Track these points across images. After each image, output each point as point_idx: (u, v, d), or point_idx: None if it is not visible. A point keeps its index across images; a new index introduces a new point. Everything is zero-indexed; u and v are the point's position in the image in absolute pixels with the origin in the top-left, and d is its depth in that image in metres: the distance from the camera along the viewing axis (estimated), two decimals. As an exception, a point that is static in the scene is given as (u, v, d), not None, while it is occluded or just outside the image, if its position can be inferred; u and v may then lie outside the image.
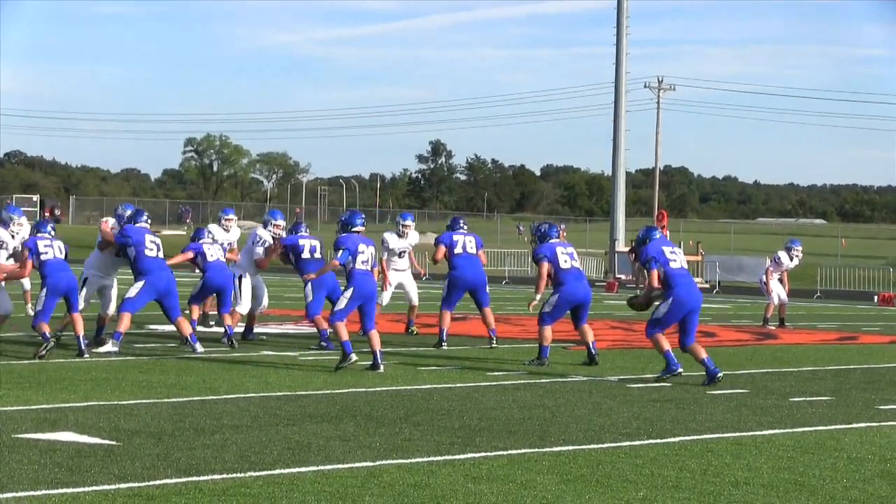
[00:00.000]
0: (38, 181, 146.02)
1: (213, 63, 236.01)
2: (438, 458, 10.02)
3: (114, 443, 10.30)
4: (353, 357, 16.26)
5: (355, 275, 16.44)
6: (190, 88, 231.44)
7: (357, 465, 9.64)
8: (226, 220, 21.97)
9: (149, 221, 18.46)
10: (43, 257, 17.29)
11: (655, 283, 16.00)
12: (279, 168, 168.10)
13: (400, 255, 21.96)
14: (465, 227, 20.49)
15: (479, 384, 15.28)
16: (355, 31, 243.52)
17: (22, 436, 10.50)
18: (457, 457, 10.09)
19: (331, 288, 18.89)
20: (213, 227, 21.42)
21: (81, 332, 17.41)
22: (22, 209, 20.14)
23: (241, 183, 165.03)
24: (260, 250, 20.27)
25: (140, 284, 17.78)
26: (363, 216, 17.31)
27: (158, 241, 18.29)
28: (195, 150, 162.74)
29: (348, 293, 16.37)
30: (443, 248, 20.06)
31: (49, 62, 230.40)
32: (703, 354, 15.81)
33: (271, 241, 20.27)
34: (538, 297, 17.46)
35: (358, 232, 16.82)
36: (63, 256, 17.57)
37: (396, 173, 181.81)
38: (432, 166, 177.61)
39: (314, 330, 19.92)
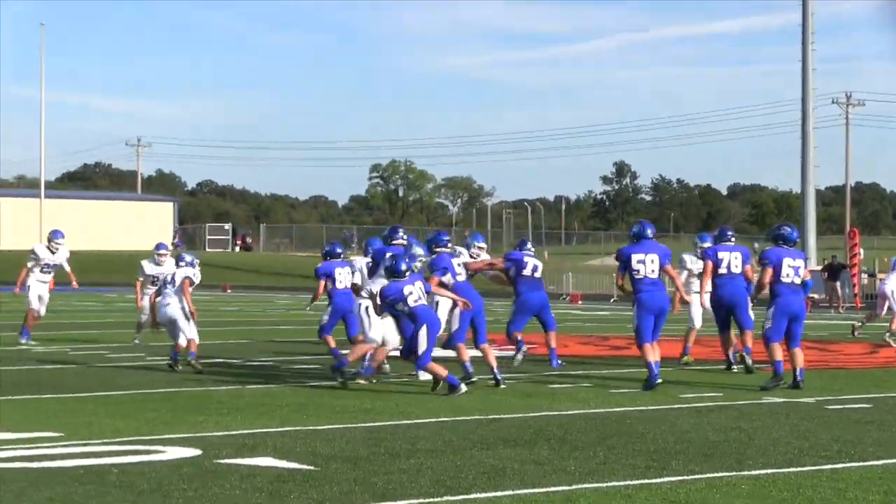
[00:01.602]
0: (229, 210, 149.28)
1: (396, 89, 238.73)
2: (635, 481, 9.93)
3: (311, 468, 10.43)
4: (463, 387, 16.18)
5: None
6: (375, 115, 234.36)
7: (553, 489, 9.60)
8: (55, 242, 23.80)
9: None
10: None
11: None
12: (464, 192, 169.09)
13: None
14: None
15: (672, 406, 15.11)
16: (535, 54, 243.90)
17: (223, 461, 10.70)
18: (653, 480, 9.98)
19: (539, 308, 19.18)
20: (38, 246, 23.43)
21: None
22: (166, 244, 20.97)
23: (427, 208, 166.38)
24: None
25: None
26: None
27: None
28: (381, 176, 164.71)
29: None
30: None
31: (238, 92, 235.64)
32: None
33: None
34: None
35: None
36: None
37: (581, 195, 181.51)
38: (617, 187, 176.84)
39: (510, 353, 19.96)
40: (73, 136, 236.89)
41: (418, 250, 17.81)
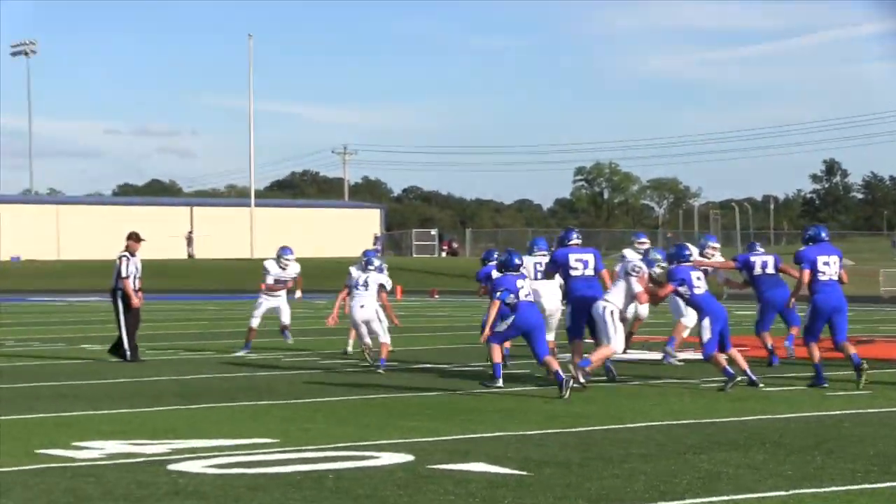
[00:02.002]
0: (434, 215, 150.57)
1: (599, 91, 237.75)
2: (855, 486, 9.71)
3: (524, 473, 10.44)
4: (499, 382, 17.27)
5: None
6: (579, 118, 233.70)
7: (769, 494, 9.44)
8: (284, 259, 24.23)
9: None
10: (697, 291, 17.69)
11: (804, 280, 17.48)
12: (670, 193, 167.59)
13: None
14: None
15: (892, 409, 14.74)
16: (738, 52, 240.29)
17: (436, 466, 10.77)
18: (875, 486, 9.74)
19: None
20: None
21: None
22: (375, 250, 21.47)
23: (632, 210, 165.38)
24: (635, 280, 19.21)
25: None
26: (518, 254, 18.09)
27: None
28: (585, 179, 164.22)
29: (508, 321, 17.16)
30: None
31: (441, 98, 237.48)
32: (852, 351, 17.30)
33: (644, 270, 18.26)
34: None
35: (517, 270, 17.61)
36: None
37: (790, 194, 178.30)
38: (827, 185, 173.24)
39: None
40: (281, 145, 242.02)
41: (657, 255, 18.64)
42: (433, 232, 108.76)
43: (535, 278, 19.28)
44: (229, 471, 10.61)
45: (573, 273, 18.42)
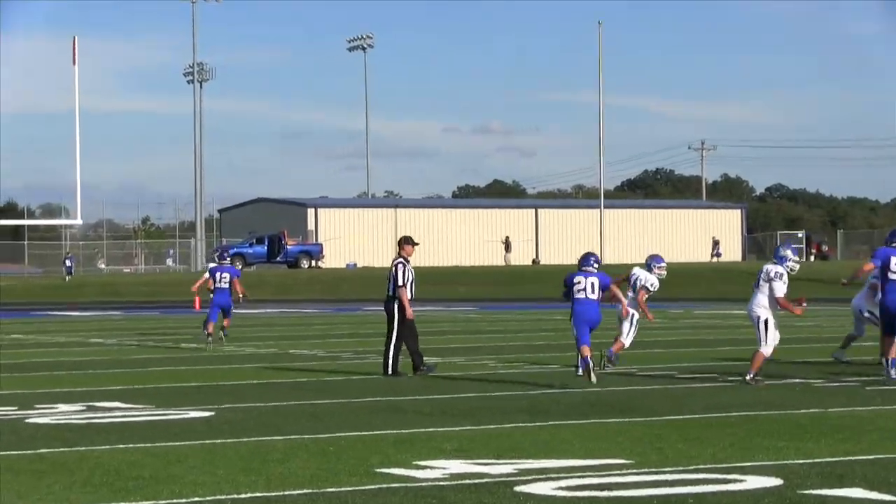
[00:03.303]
0: (801, 215, 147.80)
1: None
2: None
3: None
4: None
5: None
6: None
7: None
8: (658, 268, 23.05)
9: None
10: None
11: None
12: None
13: None
14: None
15: None
16: None
17: (808, 492, 10.54)
18: None
19: None
20: None
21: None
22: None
23: None
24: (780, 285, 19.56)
25: None
26: (595, 256, 20.30)
27: None
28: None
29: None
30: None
31: (807, 89, 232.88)
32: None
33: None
34: None
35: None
36: None
37: None
38: None
39: None
40: (632, 142, 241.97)
41: None
42: (800, 234, 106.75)
43: None
44: (580, 493, 10.63)
45: (891, 276, 19.53)
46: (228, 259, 34.46)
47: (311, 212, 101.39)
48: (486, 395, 19.09)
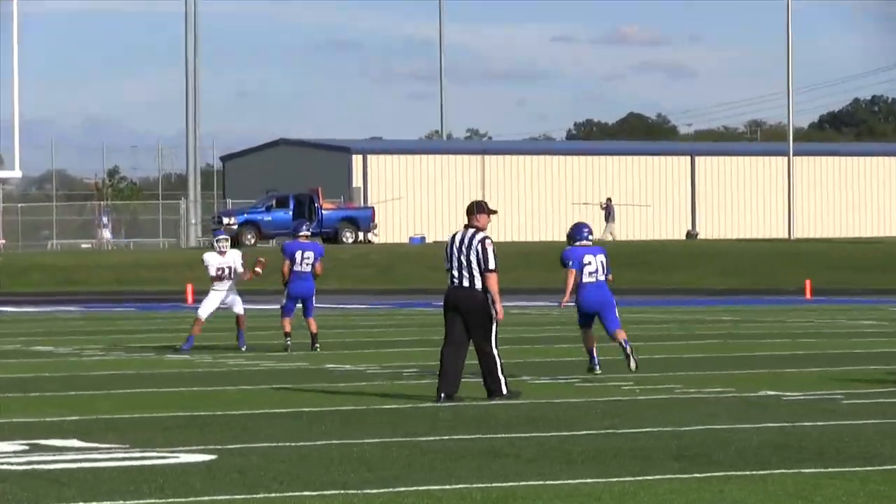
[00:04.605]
0: None
1: None
2: None
3: None
4: None
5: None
6: None
7: None
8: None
9: None
10: None
11: None
12: None
13: None
14: None
15: None
16: None
17: None
18: None
19: None
20: None
21: None
22: None
23: None
24: None
25: None
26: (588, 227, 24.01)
27: None
28: None
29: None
30: None
31: None
32: None
33: None
34: None
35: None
36: None
37: None
38: None
39: None
40: (834, 57, 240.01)
41: None
42: None
43: None
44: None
45: None
46: (307, 231, 34.04)
47: (357, 160, 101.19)
48: (616, 433, 19.05)
